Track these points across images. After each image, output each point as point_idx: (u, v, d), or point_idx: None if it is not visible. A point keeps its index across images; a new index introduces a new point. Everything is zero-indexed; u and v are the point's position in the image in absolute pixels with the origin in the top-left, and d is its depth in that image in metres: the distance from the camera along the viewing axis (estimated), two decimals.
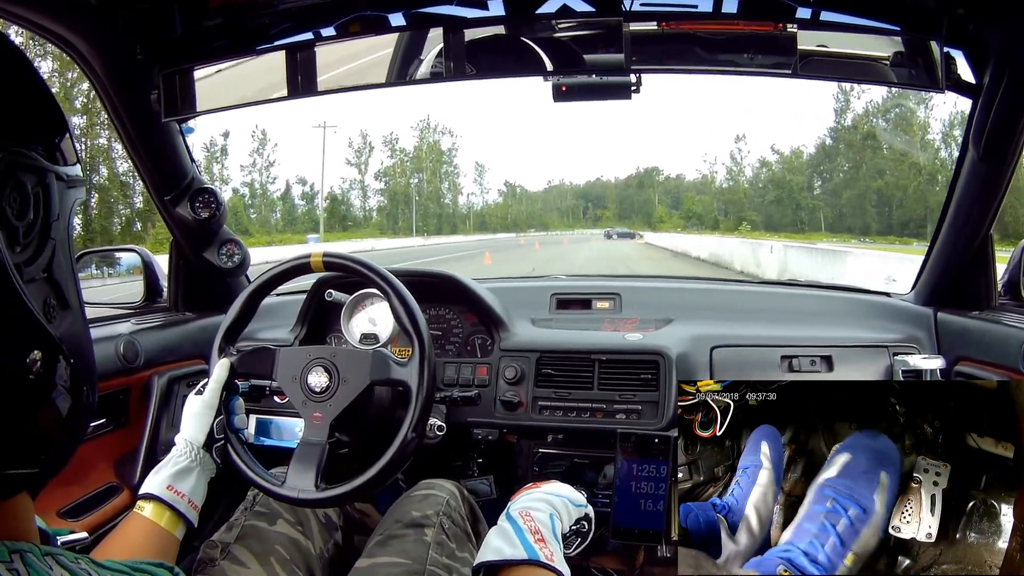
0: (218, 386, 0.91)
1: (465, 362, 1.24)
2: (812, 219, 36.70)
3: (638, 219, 59.59)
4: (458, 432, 1.20)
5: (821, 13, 1.18)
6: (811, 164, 38.65)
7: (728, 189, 49.77)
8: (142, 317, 1.29)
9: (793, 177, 38.51)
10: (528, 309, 1.35)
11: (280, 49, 1.21)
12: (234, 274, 1.35)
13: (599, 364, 1.17)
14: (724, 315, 1.32)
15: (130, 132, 1.25)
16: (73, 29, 1.14)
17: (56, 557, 0.38)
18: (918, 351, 1.22)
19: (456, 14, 1.19)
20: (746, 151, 47.46)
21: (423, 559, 0.89)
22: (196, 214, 1.28)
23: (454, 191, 60.17)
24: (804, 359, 1.18)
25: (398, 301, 0.94)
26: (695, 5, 1.20)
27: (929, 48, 1.16)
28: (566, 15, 1.19)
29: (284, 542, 0.92)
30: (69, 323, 0.39)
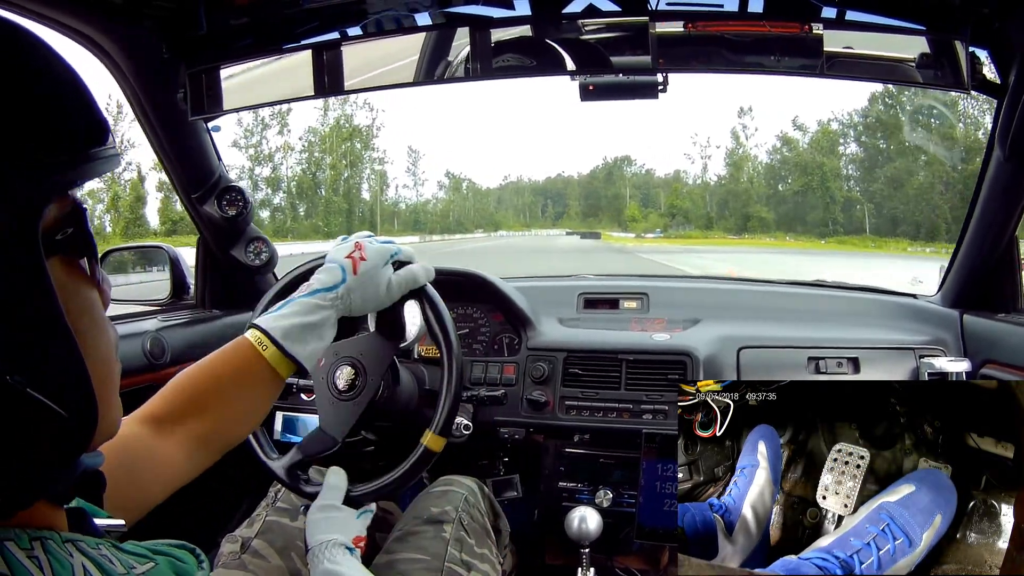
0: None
1: (492, 361, 1.25)
2: (850, 218, 27.22)
3: (605, 217, 49.13)
4: (485, 431, 1.20)
5: (846, 13, 1.18)
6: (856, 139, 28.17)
7: (728, 178, 37.94)
8: (169, 314, 1.30)
9: (826, 160, 27.90)
10: (556, 308, 1.36)
11: (306, 48, 1.21)
12: (261, 271, 1.36)
13: (626, 364, 1.17)
14: (752, 315, 1.32)
15: (157, 131, 1.26)
16: (99, 29, 1.14)
17: (76, 544, 0.38)
18: (944, 353, 1.22)
19: (482, 14, 1.19)
20: (753, 128, 35.82)
21: (441, 556, 0.89)
22: (223, 212, 1.29)
23: (379, 181, 47.05)
24: (831, 360, 1.18)
25: (426, 300, 0.95)
26: (721, 5, 1.20)
27: (954, 48, 1.16)
28: (592, 15, 1.19)
29: (305, 538, 0.93)
30: (21, 342, 0.34)
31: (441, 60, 1.21)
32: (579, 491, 1.21)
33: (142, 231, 30.79)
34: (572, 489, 1.21)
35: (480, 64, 1.17)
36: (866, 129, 24.87)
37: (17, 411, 0.33)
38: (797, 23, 1.17)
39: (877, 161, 24.89)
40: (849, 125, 25.84)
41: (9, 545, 0.34)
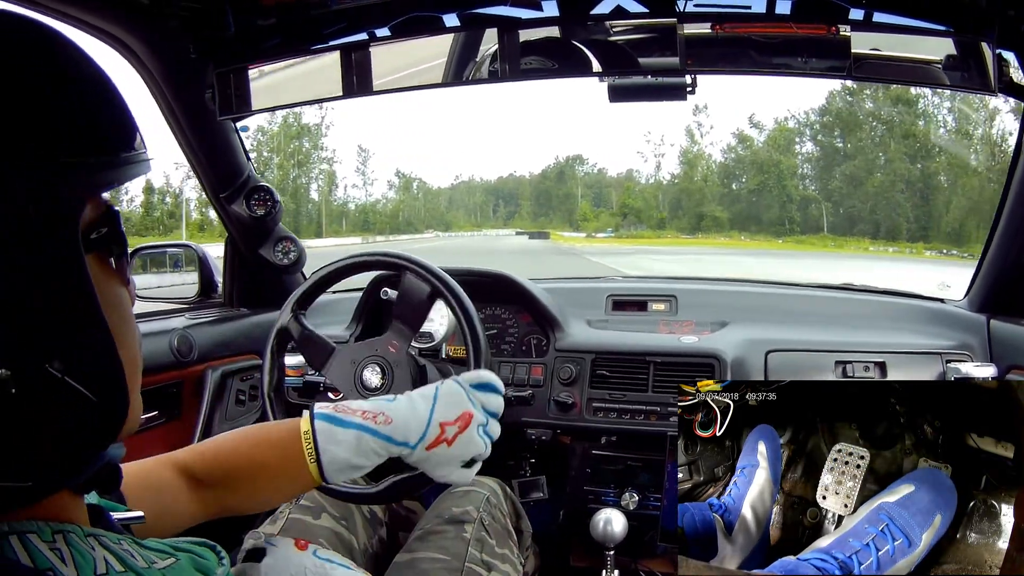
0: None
1: (520, 362, 1.25)
2: (807, 217, 26.25)
3: (557, 217, 47.35)
4: (512, 432, 1.20)
5: (873, 15, 1.18)
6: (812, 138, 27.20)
7: (682, 176, 36.22)
8: (196, 312, 1.31)
9: (782, 158, 26.95)
10: (584, 310, 1.36)
11: (335, 49, 1.22)
12: (290, 271, 1.37)
13: (654, 366, 1.17)
14: (779, 318, 1.32)
15: (185, 131, 1.26)
16: (127, 29, 1.15)
17: (98, 538, 0.38)
18: (971, 358, 1.21)
19: (510, 15, 1.19)
20: (708, 126, 34.45)
21: (462, 556, 0.89)
22: (252, 211, 1.29)
23: (327, 181, 45.55)
24: (858, 364, 1.18)
25: (454, 301, 0.95)
26: (748, 6, 1.19)
27: (981, 50, 1.15)
28: (620, 16, 1.19)
29: (327, 535, 0.93)
30: (64, 333, 0.35)
31: (469, 61, 1.21)
32: (605, 493, 1.21)
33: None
34: (598, 491, 1.22)
35: (508, 65, 1.17)
36: (823, 127, 24.09)
37: (54, 398, 0.34)
38: (824, 25, 1.17)
39: (835, 159, 24.11)
40: (806, 124, 24.93)
41: (32, 538, 0.35)
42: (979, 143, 22.37)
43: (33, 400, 0.34)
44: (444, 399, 0.69)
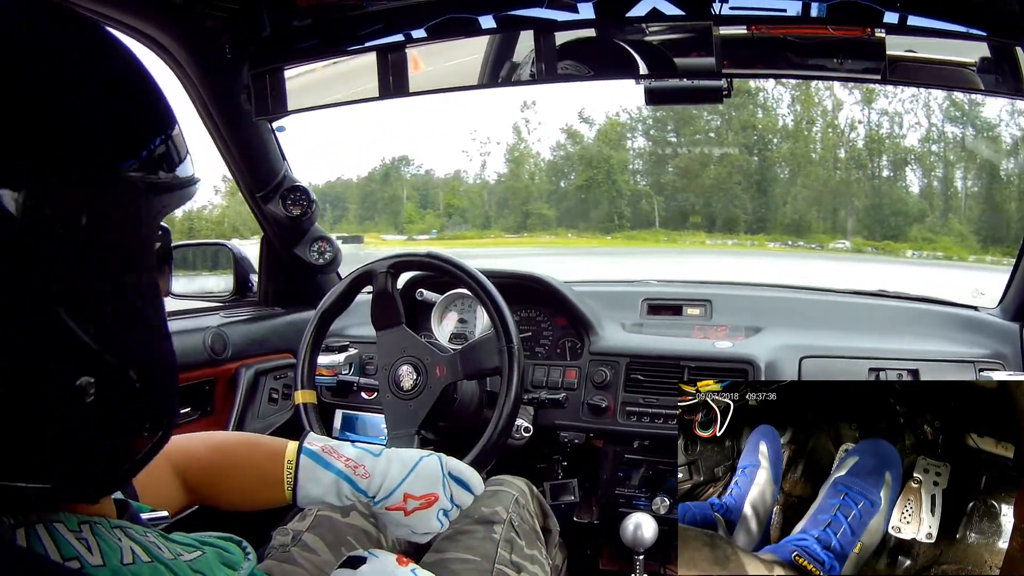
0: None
1: (554, 364, 1.25)
2: (638, 212, 24.08)
3: (382, 219, 48.32)
4: (544, 434, 1.21)
5: (908, 18, 1.17)
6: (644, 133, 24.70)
7: (508, 175, 31.43)
8: (231, 310, 1.32)
9: (613, 153, 24.73)
10: (619, 313, 1.36)
11: (371, 51, 1.22)
12: (325, 271, 1.38)
13: (688, 371, 1.17)
14: (814, 324, 1.31)
15: (222, 132, 1.27)
16: (163, 29, 1.16)
17: (125, 529, 0.39)
18: (1003, 367, 1.20)
19: (546, 16, 1.20)
20: (536, 123, 30.71)
21: (491, 557, 0.89)
22: (288, 211, 1.30)
23: None
24: (891, 372, 1.17)
25: (490, 303, 0.96)
26: (784, 9, 1.19)
27: (1015, 54, 1.15)
28: (656, 19, 1.19)
29: (356, 533, 0.93)
30: (144, 343, 0.37)
31: (505, 62, 1.21)
32: (636, 497, 1.21)
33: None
34: (629, 495, 1.21)
35: (544, 67, 1.17)
36: (656, 122, 23.42)
37: (124, 403, 0.36)
38: (859, 28, 1.17)
39: (668, 153, 22.89)
40: (638, 119, 24.07)
41: (58, 527, 0.35)
42: (820, 132, 22.03)
43: (107, 405, 0.35)
44: (419, 473, 0.73)
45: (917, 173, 21.44)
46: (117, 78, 0.37)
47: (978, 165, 20.25)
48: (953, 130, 20.80)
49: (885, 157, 21.38)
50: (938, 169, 21.03)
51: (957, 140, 20.78)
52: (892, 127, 21.07)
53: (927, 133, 21.11)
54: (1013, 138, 19.60)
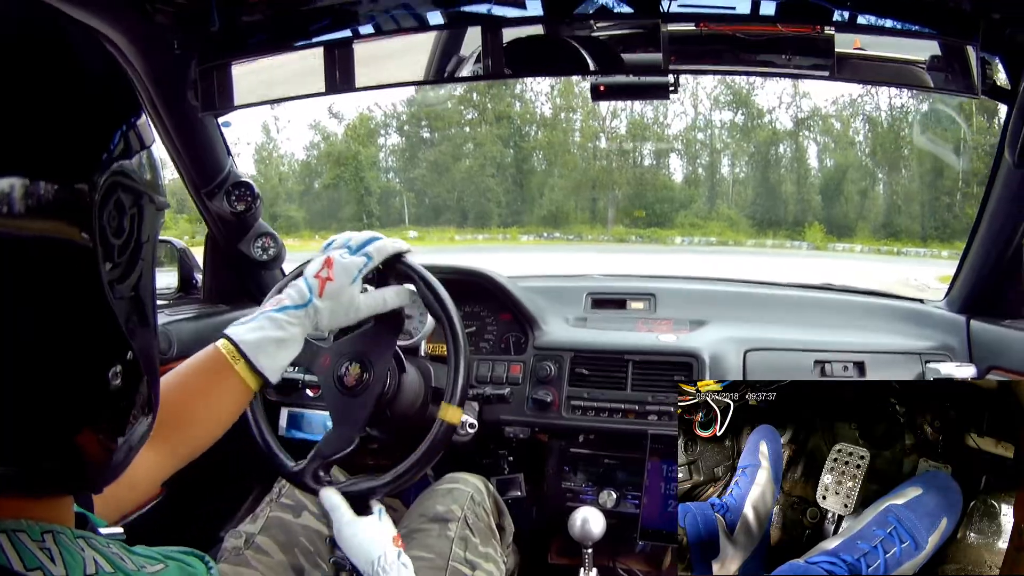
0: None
1: (499, 359, 1.25)
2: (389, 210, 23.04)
3: None
4: (490, 430, 1.20)
5: (858, 17, 1.18)
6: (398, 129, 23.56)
7: (258, 176, 27.59)
8: (176, 308, 1.30)
9: (362, 149, 23.12)
10: (563, 307, 1.36)
11: (318, 46, 1.22)
12: (269, 266, 1.37)
13: (632, 365, 1.17)
14: (758, 317, 1.32)
15: (168, 126, 1.26)
16: (113, 24, 1.15)
17: (88, 540, 0.38)
18: (950, 359, 1.21)
19: (494, 13, 1.19)
20: (285, 120, 28.21)
21: (446, 555, 0.90)
22: (232, 207, 1.29)
23: None
24: (837, 364, 1.18)
25: (434, 298, 0.95)
26: (733, 7, 1.20)
27: (965, 53, 1.16)
28: (604, 16, 1.19)
29: (309, 534, 0.93)
30: (145, 341, 0.39)
31: (452, 58, 1.21)
32: (583, 491, 1.21)
33: None
34: (576, 489, 1.21)
35: (491, 63, 1.17)
36: (411, 117, 22.79)
37: (135, 388, 0.38)
38: (808, 26, 1.17)
39: (420, 148, 22.41)
40: (392, 115, 23.26)
41: (21, 536, 0.35)
42: (580, 121, 21.79)
43: (127, 394, 0.37)
44: (310, 268, 0.83)
45: (683, 160, 21.22)
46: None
47: (747, 151, 20.15)
48: (721, 117, 20.67)
49: (649, 145, 20.93)
50: (703, 156, 20.85)
51: (725, 126, 20.63)
52: (656, 115, 20.89)
53: (693, 121, 20.93)
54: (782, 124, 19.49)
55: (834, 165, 19.75)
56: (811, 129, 20.21)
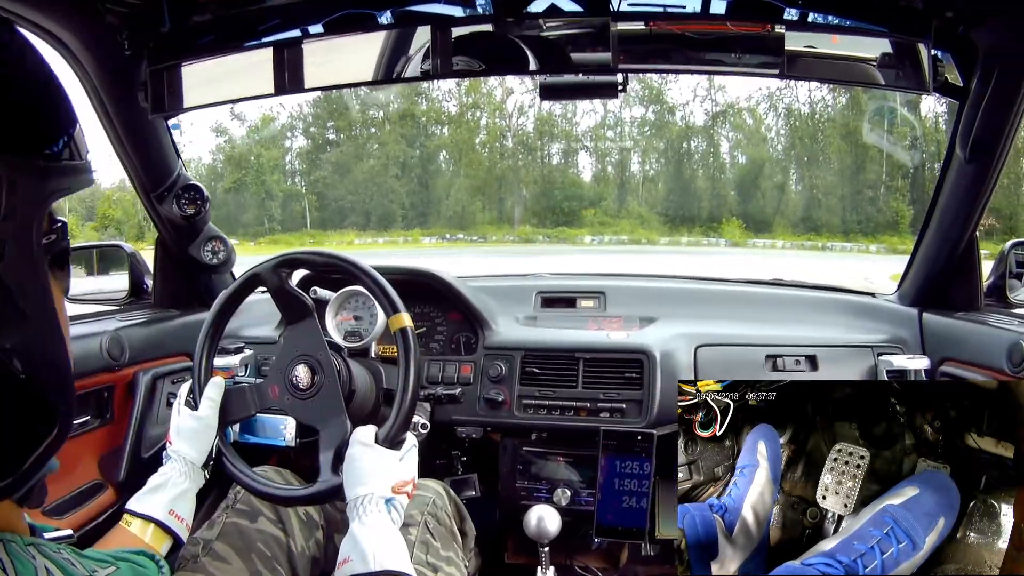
0: (216, 405, 0.89)
1: (449, 360, 1.24)
2: (290, 214, 22.39)
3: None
4: (442, 430, 1.20)
5: (809, 15, 1.19)
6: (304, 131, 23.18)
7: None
8: (127, 313, 1.29)
9: (264, 151, 22.33)
10: (513, 307, 1.36)
11: (268, 46, 1.21)
12: (219, 271, 1.35)
13: (583, 363, 1.17)
14: (709, 314, 1.32)
15: (118, 129, 1.25)
16: (62, 24, 1.13)
17: (38, 547, 0.38)
18: (903, 351, 1.22)
19: (444, 12, 1.19)
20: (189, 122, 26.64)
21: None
22: (182, 210, 1.28)
23: None
24: (788, 359, 1.18)
25: (384, 299, 0.94)
26: (683, 6, 1.20)
27: (917, 50, 1.17)
28: (554, 14, 1.20)
29: (266, 539, 0.92)
30: (26, 334, 0.36)
31: (401, 58, 1.20)
32: (537, 490, 1.20)
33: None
34: (530, 488, 1.21)
35: (441, 62, 1.17)
36: (316, 119, 21.88)
37: (22, 400, 0.36)
38: (759, 24, 1.18)
39: (324, 149, 21.74)
40: (299, 117, 22.66)
41: None
42: (486, 119, 21.67)
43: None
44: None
45: (592, 158, 20.99)
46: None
47: (657, 148, 20.09)
48: (632, 113, 20.55)
49: (557, 143, 20.77)
50: (613, 154, 20.79)
51: (635, 122, 20.48)
52: (564, 110, 20.76)
53: (603, 118, 20.79)
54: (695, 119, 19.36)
55: (750, 160, 19.69)
56: (726, 124, 20.15)
